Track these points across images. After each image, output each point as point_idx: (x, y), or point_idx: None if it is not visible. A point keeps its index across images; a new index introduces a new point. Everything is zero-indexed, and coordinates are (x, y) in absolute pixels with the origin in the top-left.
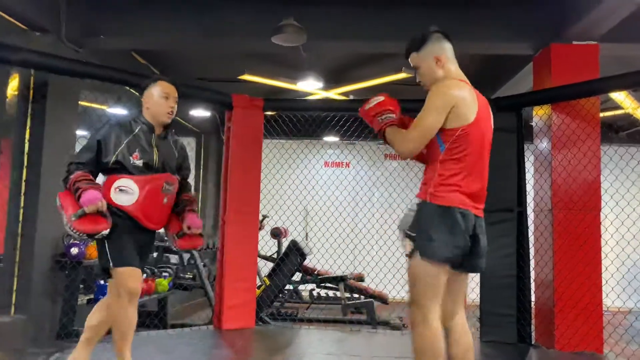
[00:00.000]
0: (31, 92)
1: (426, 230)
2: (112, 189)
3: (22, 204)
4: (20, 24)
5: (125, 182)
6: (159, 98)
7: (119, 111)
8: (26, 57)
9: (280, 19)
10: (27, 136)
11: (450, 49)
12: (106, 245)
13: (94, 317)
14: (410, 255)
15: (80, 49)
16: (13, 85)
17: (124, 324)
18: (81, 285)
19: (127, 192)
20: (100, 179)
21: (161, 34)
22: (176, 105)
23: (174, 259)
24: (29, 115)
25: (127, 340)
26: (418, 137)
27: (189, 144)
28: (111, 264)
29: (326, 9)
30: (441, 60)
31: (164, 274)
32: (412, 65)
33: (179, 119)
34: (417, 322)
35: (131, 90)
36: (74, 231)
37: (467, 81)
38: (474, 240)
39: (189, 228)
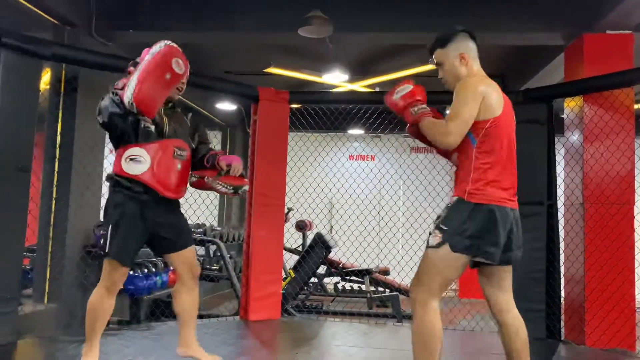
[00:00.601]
0: (62, 85)
1: (460, 226)
2: (123, 160)
3: (54, 196)
4: (51, 19)
5: (136, 150)
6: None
7: None
8: (57, 51)
9: (307, 11)
10: (59, 129)
11: (474, 48)
12: (109, 230)
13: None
14: (436, 247)
15: (109, 42)
16: (45, 79)
17: (97, 311)
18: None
19: (138, 160)
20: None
21: (188, 27)
22: (185, 83)
23: (200, 250)
24: (60, 109)
25: (96, 331)
26: (458, 128)
27: (215, 137)
28: (106, 250)
29: (351, 1)
30: (465, 58)
31: None
32: (436, 61)
33: (205, 112)
34: (420, 302)
35: None
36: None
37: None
38: (510, 234)
39: (228, 166)
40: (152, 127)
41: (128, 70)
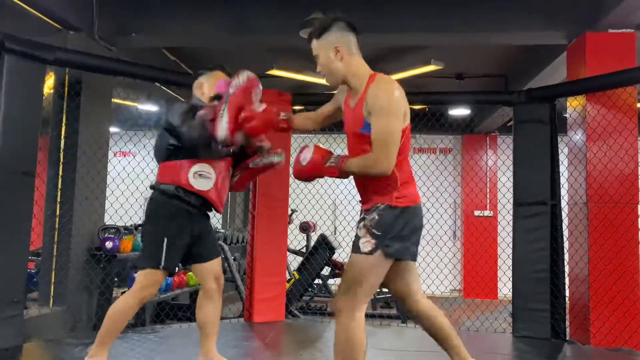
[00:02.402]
0: (66, 89)
1: (393, 231)
2: (191, 175)
3: (59, 199)
4: (55, 24)
5: (205, 167)
6: (214, 86)
7: (149, 108)
8: (61, 56)
9: (307, 13)
10: (63, 133)
11: (353, 41)
12: (165, 241)
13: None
14: (369, 253)
15: (112, 47)
16: (49, 84)
17: (121, 320)
18: (115, 278)
19: (206, 177)
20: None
21: (190, 31)
22: None
23: None
24: (64, 113)
25: (112, 337)
26: (389, 153)
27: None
28: (162, 264)
29: (352, 2)
30: (340, 51)
31: None
32: (313, 53)
33: None
34: (346, 312)
35: (162, 87)
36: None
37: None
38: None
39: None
40: (222, 147)
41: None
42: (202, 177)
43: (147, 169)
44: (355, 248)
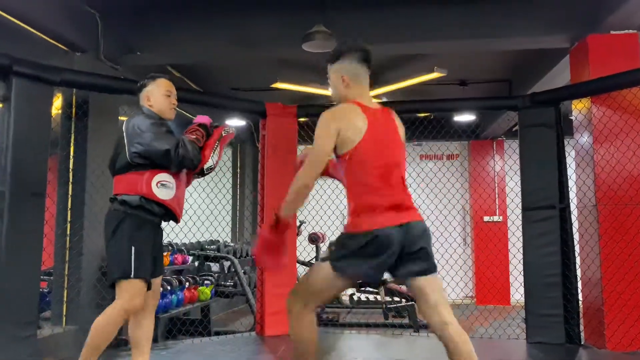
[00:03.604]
0: (74, 110)
1: (341, 250)
2: (154, 184)
3: (69, 219)
4: (61, 46)
5: (166, 176)
6: (161, 96)
7: None
8: (68, 77)
9: (309, 26)
10: (71, 153)
11: (361, 71)
12: (133, 251)
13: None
14: (322, 261)
15: (118, 66)
16: (57, 105)
17: (109, 334)
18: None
19: (167, 186)
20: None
21: (194, 47)
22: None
23: (215, 267)
24: (72, 133)
25: (100, 352)
26: (313, 169)
27: (225, 154)
28: (132, 273)
29: (354, 13)
30: (345, 80)
31: (206, 282)
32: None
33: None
34: (295, 314)
35: None
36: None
37: (364, 102)
38: (402, 250)
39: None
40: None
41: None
42: (164, 186)
43: None
44: (321, 256)
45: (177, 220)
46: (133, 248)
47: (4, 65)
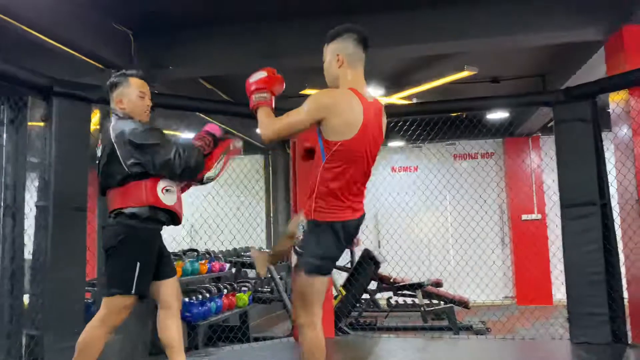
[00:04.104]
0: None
1: (310, 248)
2: (159, 191)
3: None
4: (97, 64)
5: (168, 182)
6: (136, 98)
7: (190, 136)
8: (104, 94)
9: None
10: None
11: (358, 54)
12: (137, 268)
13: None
14: (297, 269)
15: (154, 83)
16: (95, 121)
17: (94, 349)
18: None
19: (171, 191)
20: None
21: (224, 59)
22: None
23: (251, 273)
24: None
25: None
26: (278, 129)
27: (257, 161)
28: (133, 289)
29: (380, 16)
30: (340, 60)
31: (243, 288)
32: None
33: (246, 137)
34: (306, 325)
35: (201, 115)
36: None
37: (360, 90)
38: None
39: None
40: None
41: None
42: (169, 192)
43: (192, 196)
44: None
45: (178, 224)
46: (138, 264)
47: (45, 86)
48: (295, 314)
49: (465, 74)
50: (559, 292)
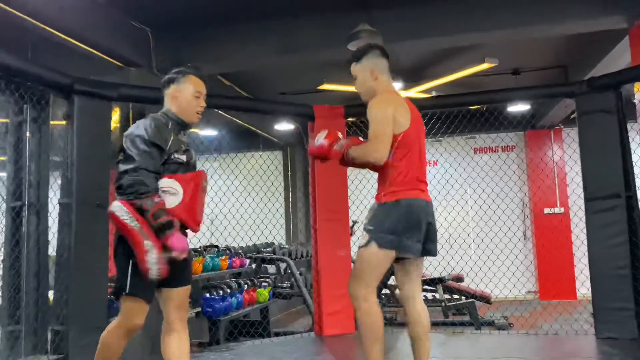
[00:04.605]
0: (131, 123)
1: (382, 224)
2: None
3: None
4: (117, 62)
5: (168, 182)
6: (191, 97)
7: (210, 133)
8: (124, 92)
9: (354, 26)
10: None
11: (385, 64)
12: (130, 266)
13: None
14: (365, 245)
15: None
16: (115, 118)
17: (110, 351)
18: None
19: (171, 192)
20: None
21: (242, 55)
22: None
23: (271, 269)
24: None
25: None
26: (382, 144)
27: (276, 157)
28: (127, 290)
29: (398, 9)
30: (374, 73)
31: (264, 284)
32: (352, 74)
33: (265, 133)
34: (362, 297)
35: (220, 112)
36: (157, 269)
37: (397, 92)
38: (429, 225)
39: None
40: (184, 158)
41: None
42: (166, 193)
43: (211, 192)
44: (359, 244)
45: (193, 230)
46: (131, 262)
47: (66, 85)
48: (349, 286)
49: (485, 66)
50: (583, 287)
